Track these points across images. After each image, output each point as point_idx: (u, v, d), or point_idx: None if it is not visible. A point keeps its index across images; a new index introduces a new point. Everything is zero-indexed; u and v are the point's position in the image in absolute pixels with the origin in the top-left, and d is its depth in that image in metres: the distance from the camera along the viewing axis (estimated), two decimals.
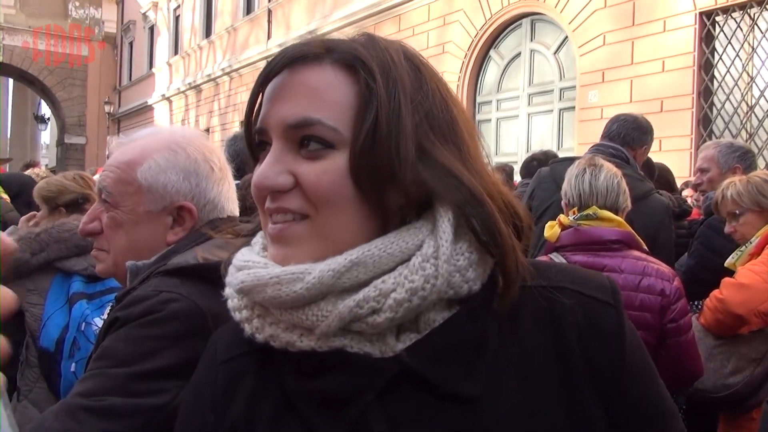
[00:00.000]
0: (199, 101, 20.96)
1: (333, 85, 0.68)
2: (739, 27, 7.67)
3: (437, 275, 0.65)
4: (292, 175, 0.68)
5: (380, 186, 0.67)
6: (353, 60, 0.69)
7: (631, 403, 0.71)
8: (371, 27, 13.13)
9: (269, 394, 0.71)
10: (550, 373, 0.69)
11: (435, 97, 0.71)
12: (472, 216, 0.67)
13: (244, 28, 18.33)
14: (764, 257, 2.55)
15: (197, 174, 1.27)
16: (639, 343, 0.74)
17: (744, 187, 2.73)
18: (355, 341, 0.67)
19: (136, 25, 27.11)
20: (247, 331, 0.71)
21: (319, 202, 0.67)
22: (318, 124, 0.67)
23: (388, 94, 0.67)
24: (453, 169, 0.68)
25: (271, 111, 0.70)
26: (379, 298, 0.65)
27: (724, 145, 3.54)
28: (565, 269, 0.77)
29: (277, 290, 0.66)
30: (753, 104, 7.57)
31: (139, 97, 26.01)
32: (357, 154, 0.66)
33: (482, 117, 11.25)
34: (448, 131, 0.70)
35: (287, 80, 0.70)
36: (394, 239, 0.67)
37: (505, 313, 0.70)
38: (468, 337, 0.68)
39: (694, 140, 7.89)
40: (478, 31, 10.82)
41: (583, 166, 2.42)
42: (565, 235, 2.30)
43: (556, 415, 0.67)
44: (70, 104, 27.65)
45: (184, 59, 22.28)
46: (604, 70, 8.85)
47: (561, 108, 9.91)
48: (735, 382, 2.48)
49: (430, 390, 0.66)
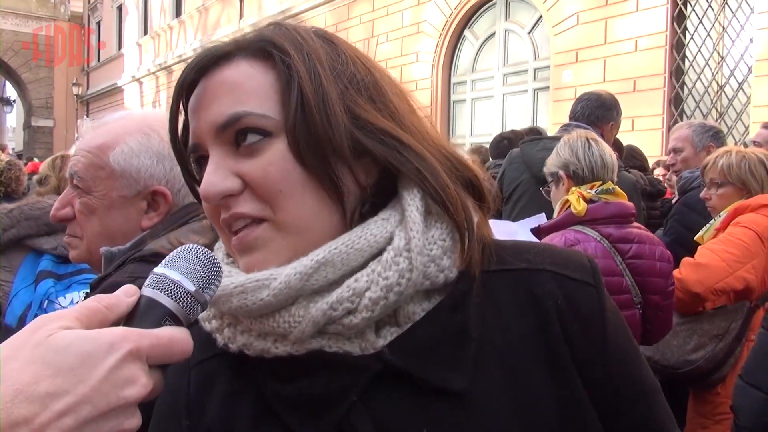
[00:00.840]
0: (170, 82, 20.58)
1: (250, 75, 0.66)
2: (710, 7, 7.74)
3: (412, 268, 0.63)
4: (237, 176, 0.65)
5: (324, 160, 0.64)
6: (264, 44, 0.67)
7: (617, 382, 0.70)
8: (345, 7, 12.99)
9: (246, 398, 0.69)
10: (535, 358, 0.67)
11: (355, 64, 0.69)
12: (416, 174, 0.65)
13: (216, 8, 18.00)
14: (724, 236, 2.59)
15: (171, 157, 1.22)
16: (621, 323, 0.73)
17: (737, 161, 2.73)
18: (333, 341, 0.64)
19: (103, 4, 26.45)
20: (219, 341, 0.69)
21: (272, 196, 0.64)
22: (247, 116, 0.64)
23: (306, 67, 0.65)
24: (387, 128, 0.66)
25: (198, 122, 0.67)
26: (353, 298, 0.62)
27: (698, 125, 3.59)
28: (544, 250, 0.75)
29: (242, 299, 0.63)
30: (723, 84, 7.67)
31: (108, 79, 25.46)
32: (293, 131, 0.64)
33: (457, 97, 11.24)
34: (375, 94, 0.68)
35: (204, 88, 0.68)
36: (360, 233, 0.64)
37: (487, 299, 0.68)
38: (450, 328, 0.66)
39: (665, 120, 7.99)
40: (452, 11, 10.76)
41: (585, 139, 2.39)
42: (596, 208, 2.25)
43: (542, 399, 0.66)
44: (37, 86, 26.98)
45: (154, 39, 21.83)
46: (577, 50, 8.89)
47: (535, 88, 9.94)
48: (697, 357, 2.53)
49: (415, 385, 0.64)
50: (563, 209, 2.35)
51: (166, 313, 0.61)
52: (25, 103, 27.81)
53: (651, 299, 2.22)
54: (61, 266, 2.21)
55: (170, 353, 0.58)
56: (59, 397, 0.49)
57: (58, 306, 2.07)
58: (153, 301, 0.61)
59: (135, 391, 0.53)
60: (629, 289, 2.19)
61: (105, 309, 0.58)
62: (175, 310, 0.61)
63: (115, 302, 0.59)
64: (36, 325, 0.53)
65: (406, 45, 11.60)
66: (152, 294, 0.61)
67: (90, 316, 0.56)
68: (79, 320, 0.55)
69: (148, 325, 0.59)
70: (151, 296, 0.61)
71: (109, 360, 0.52)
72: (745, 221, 2.58)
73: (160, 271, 0.63)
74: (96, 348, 0.52)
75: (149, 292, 0.61)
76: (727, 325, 2.54)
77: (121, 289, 0.60)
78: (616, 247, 2.21)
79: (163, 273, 0.62)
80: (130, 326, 0.58)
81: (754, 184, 2.71)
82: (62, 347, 0.51)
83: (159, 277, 0.62)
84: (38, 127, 27.09)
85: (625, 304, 2.16)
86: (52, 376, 0.50)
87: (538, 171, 3.06)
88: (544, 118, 9.65)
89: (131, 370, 0.53)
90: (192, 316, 0.63)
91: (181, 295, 0.61)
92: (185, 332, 0.60)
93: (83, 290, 2.21)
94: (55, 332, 0.52)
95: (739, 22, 7.48)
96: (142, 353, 0.55)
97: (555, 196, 2.48)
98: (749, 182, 2.71)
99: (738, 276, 2.45)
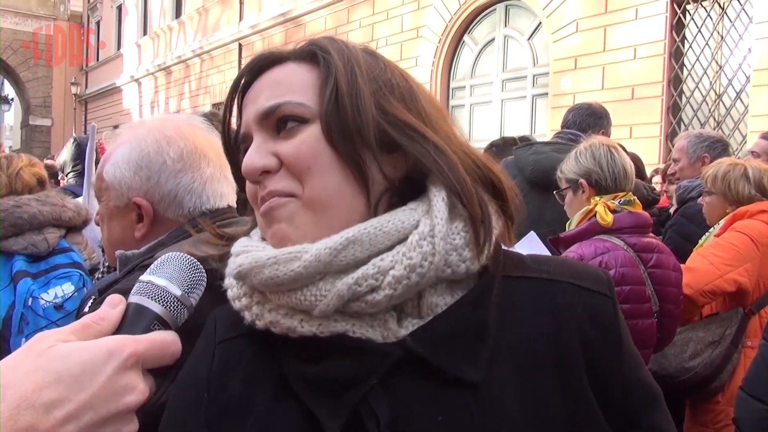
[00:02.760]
0: (169, 83, 20.58)
1: (295, 73, 0.74)
2: (709, 16, 7.77)
3: (434, 252, 0.66)
4: (274, 156, 0.71)
5: (351, 143, 0.69)
6: (312, 48, 0.75)
7: (631, 388, 0.74)
8: (345, 10, 13.00)
9: (267, 378, 0.72)
10: (549, 361, 0.70)
11: (392, 71, 0.76)
12: (436, 166, 0.70)
13: (216, 9, 18.00)
14: (716, 241, 2.64)
15: (149, 168, 1.23)
16: (628, 332, 0.77)
17: (721, 174, 2.80)
18: (357, 326, 0.68)
19: (103, 4, 26.44)
20: (247, 318, 0.72)
21: (302, 171, 0.70)
22: (286, 104, 0.72)
23: (344, 66, 0.72)
24: (412, 123, 0.71)
25: (247, 114, 0.75)
26: (377, 276, 0.66)
27: (693, 135, 3.66)
28: (563, 263, 0.80)
29: (274, 270, 0.67)
30: (721, 93, 7.69)
31: (107, 78, 25.43)
32: (325, 117, 0.70)
33: (456, 102, 11.25)
34: (407, 97, 0.74)
35: (255, 86, 0.76)
36: (389, 218, 0.69)
37: (507, 302, 0.72)
38: (470, 323, 0.69)
39: (663, 128, 8.01)
40: (452, 16, 10.78)
41: (607, 147, 2.38)
42: (622, 218, 2.27)
43: (553, 401, 0.69)
44: (35, 85, 26.95)
45: (154, 40, 21.82)
46: (576, 57, 8.91)
47: (534, 94, 9.96)
48: (695, 365, 2.55)
49: (433, 375, 0.67)
50: (585, 219, 2.34)
51: (155, 318, 0.63)
52: (23, 101, 27.77)
53: (666, 308, 2.24)
54: (33, 265, 2.26)
55: (163, 356, 0.60)
56: (61, 405, 0.51)
57: (42, 302, 2.11)
58: (141, 307, 0.63)
59: (134, 397, 0.56)
60: (650, 297, 2.21)
61: (97, 323, 0.60)
62: (163, 314, 0.64)
63: (104, 315, 0.61)
64: (35, 340, 0.56)
65: (405, 49, 11.62)
66: (140, 300, 0.63)
67: (84, 330, 0.59)
68: (75, 334, 0.58)
69: (139, 330, 0.62)
70: (139, 302, 0.64)
71: (108, 367, 0.54)
72: (740, 226, 2.62)
73: (146, 278, 0.66)
74: (96, 356, 0.55)
75: (137, 298, 0.63)
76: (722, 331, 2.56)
77: (106, 302, 0.63)
78: (640, 256, 2.23)
79: (149, 280, 0.65)
80: (121, 333, 0.60)
81: (731, 197, 2.77)
82: (63, 356, 0.54)
83: (145, 284, 0.66)
84: (36, 126, 27.04)
85: (646, 313, 2.18)
86: (54, 384, 0.52)
87: (529, 174, 3.14)
88: (543, 124, 9.67)
89: (130, 377, 0.56)
90: (179, 320, 0.67)
91: (168, 300, 0.64)
92: (174, 335, 0.63)
93: (66, 283, 2.26)
94: (55, 344, 0.55)
95: (738, 31, 7.51)
96: (139, 359, 0.57)
97: (572, 203, 2.45)
98: (727, 194, 2.78)
99: (728, 278, 2.47)
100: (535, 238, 2.30)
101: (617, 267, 2.13)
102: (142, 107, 22.43)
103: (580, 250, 2.21)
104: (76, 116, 26.52)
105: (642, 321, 2.15)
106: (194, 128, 1.29)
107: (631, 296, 2.13)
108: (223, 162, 1.25)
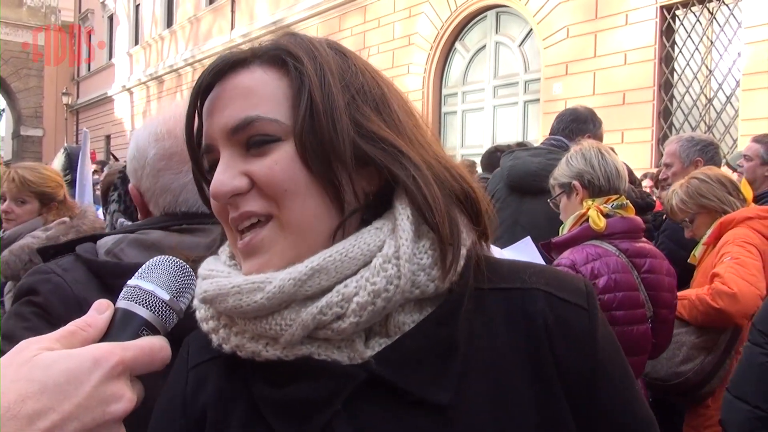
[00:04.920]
0: (161, 92, 20.55)
1: (264, 82, 0.69)
2: (699, 21, 7.83)
3: (400, 275, 0.64)
4: (245, 176, 0.67)
5: (328, 165, 0.66)
6: (279, 52, 0.70)
7: (604, 410, 0.69)
8: (336, 18, 13.03)
9: (238, 402, 0.70)
10: (522, 375, 0.68)
11: (364, 76, 0.72)
12: (414, 185, 0.67)
13: (207, 18, 18.01)
14: (738, 259, 2.54)
15: (137, 161, 1.30)
16: (615, 350, 0.72)
17: (686, 193, 2.78)
18: (323, 348, 0.66)
19: (94, 14, 26.40)
20: (214, 341, 0.70)
21: (278, 193, 0.66)
22: (258, 121, 0.67)
23: (317, 75, 0.68)
24: (388, 138, 0.68)
25: (211, 125, 0.70)
26: (342, 303, 0.63)
27: (685, 139, 3.61)
28: (541, 271, 0.75)
29: (237, 300, 0.65)
30: (711, 97, 7.74)
31: (98, 88, 25.36)
32: (300, 135, 0.66)
33: (448, 109, 11.28)
34: (381, 105, 0.71)
35: (219, 92, 0.70)
36: (354, 242, 0.66)
37: (478, 315, 0.69)
38: (438, 341, 0.66)
39: (654, 132, 8.05)
40: (443, 23, 10.82)
41: (597, 148, 2.36)
42: (615, 222, 2.24)
43: (527, 415, 0.66)
44: (27, 95, 26.86)
45: (145, 49, 21.80)
46: (567, 63, 8.95)
47: (526, 100, 9.99)
48: (686, 370, 2.54)
49: (400, 397, 0.65)
50: (578, 223, 2.32)
51: (143, 323, 0.62)
52: (15, 111, 27.65)
53: (660, 313, 2.22)
54: None
55: (152, 363, 0.59)
56: (45, 415, 0.50)
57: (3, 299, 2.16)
58: (129, 312, 0.62)
59: (121, 406, 0.54)
60: (644, 303, 2.19)
61: (83, 329, 0.58)
62: (152, 320, 0.62)
63: (91, 321, 0.60)
64: (19, 349, 0.54)
65: (397, 57, 11.64)
66: (127, 305, 0.62)
67: (69, 337, 0.57)
68: (59, 342, 0.56)
69: (127, 336, 0.60)
70: (127, 308, 0.62)
71: (94, 376, 0.53)
72: (741, 239, 2.59)
73: (134, 282, 0.64)
74: (81, 364, 0.53)
75: (124, 303, 0.62)
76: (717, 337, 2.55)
77: (93, 307, 0.61)
78: (633, 261, 2.21)
79: (137, 284, 0.64)
80: (109, 340, 0.59)
81: (712, 203, 2.75)
82: (47, 365, 0.52)
83: (133, 288, 0.64)
84: (27, 137, 26.93)
85: (640, 319, 2.16)
86: (38, 393, 0.50)
87: (506, 179, 3.22)
88: (535, 130, 9.69)
89: (117, 385, 0.54)
90: (168, 325, 0.65)
91: (156, 305, 0.63)
92: (164, 340, 0.61)
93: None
94: (39, 353, 0.53)
95: (727, 36, 7.56)
96: (127, 367, 0.56)
97: (566, 207, 2.43)
98: (706, 204, 2.75)
99: (762, 295, 2.46)
100: (530, 243, 2.28)
101: (609, 273, 2.11)
102: (134, 117, 22.38)
103: (572, 256, 2.19)
104: (67, 126, 26.41)
105: (636, 327, 2.14)
106: None
107: (625, 302, 2.12)
108: None
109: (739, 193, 2.80)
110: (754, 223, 2.64)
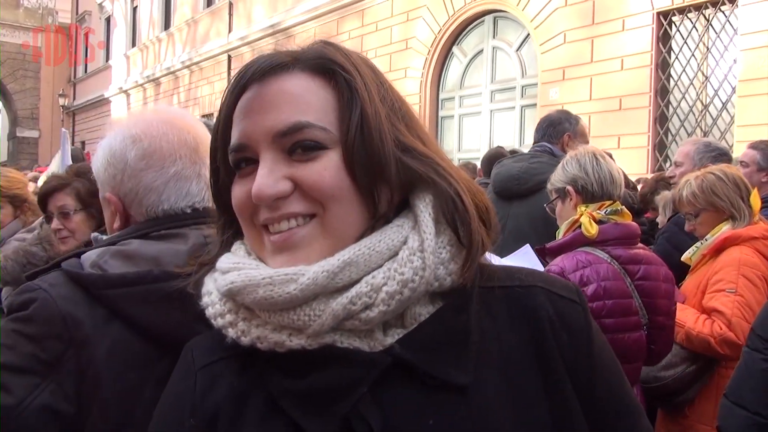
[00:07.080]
0: (158, 94, 20.51)
1: (311, 89, 0.71)
2: (695, 27, 7.85)
3: (425, 267, 0.68)
4: (288, 179, 0.69)
5: (373, 178, 0.70)
6: (327, 63, 0.72)
7: (601, 397, 0.74)
8: (334, 22, 13.04)
9: (252, 398, 0.71)
10: (529, 365, 0.72)
11: (392, 92, 0.76)
12: (445, 196, 0.71)
13: (205, 21, 17.99)
14: (744, 295, 2.44)
15: (114, 166, 1.27)
16: (605, 345, 0.79)
17: (698, 187, 2.72)
18: (345, 336, 0.68)
19: (91, 16, 26.35)
20: (231, 335, 0.71)
21: (325, 198, 0.69)
22: (309, 127, 0.69)
23: (366, 89, 0.71)
24: (427, 153, 0.73)
25: (252, 125, 0.71)
26: (371, 293, 0.67)
27: (702, 143, 3.56)
28: (533, 272, 0.81)
29: (269, 291, 0.67)
30: (707, 103, 7.76)
31: (95, 90, 25.30)
32: (350, 149, 0.69)
33: (445, 113, 11.29)
34: (408, 121, 0.75)
35: (261, 92, 0.71)
36: (380, 237, 0.70)
37: (483, 310, 0.73)
38: (454, 329, 0.70)
39: (651, 138, 8.06)
40: (441, 28, 10.84)
41: (593, 154, 2.35)
42: (608, 229, 2.22)
43: (537, 402, 0.70)
44: (23, 96, 26.79)
45: (143, 51, 21.77)
46: (564, 68, 8.97)
47: (523, 105, 10.00)
48: (666, 375, 2.53)
49: (421, 381, 0.68)
50: (571, 229, 2.31)
51: None
52: (10, 113, 27.57)
53: (656, 320, 2.20)
54: None
55: None
56: None
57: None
58: None
59: None
60: (638, 310, 2.16)
61: None
62: None
63: None
64: None
65: (395, 61, 11.65)
66: None
67: None
68: None
69: None
70: None
71: None
72: (747, 267, 2.50)
73: None
74: None
75: None
76: None
77: None
78: (626, 268, 2.18)
79: None
80: None
81: (722, 203, 2.69)
82: None
83: None
84: (23, 138, 26.85)
85: (634, 326, 2.14)
86: None
87: (493, 185, 3.35)
88: (531, 135, 9.67)
89: None
90: None
91: None
92: None
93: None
94: None
95: (723, 42, 7.59)
96: None
97: (561, 213, 2.42)
98: (717, 203, 2.70)
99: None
100: (530, 251, 2.27)
101: (599, 281, 2.09)
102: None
103: (561, 263, 2.18)
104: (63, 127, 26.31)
105: (629, 335, 2.11)
106: (169, 126, 1.28)
107: (616, 310, 2.09)
108: (198, 158, 1.26)
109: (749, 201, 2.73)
110: (758, 244, 2.58)
